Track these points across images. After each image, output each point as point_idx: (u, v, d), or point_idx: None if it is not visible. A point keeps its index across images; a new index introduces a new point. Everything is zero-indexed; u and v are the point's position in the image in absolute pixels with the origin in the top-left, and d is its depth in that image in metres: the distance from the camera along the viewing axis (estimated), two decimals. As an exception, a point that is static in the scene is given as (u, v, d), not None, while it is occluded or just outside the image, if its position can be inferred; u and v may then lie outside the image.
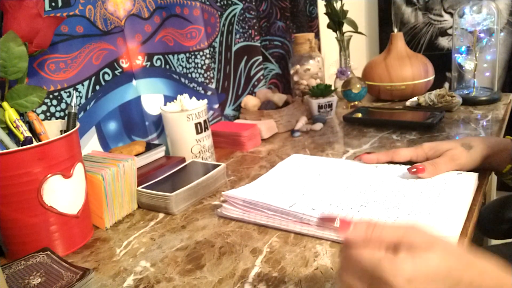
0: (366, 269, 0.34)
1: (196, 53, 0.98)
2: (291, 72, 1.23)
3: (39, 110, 0.69)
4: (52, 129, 0.64)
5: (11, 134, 0.57)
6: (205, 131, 0.83)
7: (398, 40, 1.21)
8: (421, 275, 0.33)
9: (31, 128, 0.60)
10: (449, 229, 0.49)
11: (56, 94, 0.71)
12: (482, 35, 1.09)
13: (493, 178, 1.32)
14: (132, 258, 0.55)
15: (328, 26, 1.30)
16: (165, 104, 0.91)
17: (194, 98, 0.85)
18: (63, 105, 0.72)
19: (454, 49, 1.16)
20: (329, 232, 0.54)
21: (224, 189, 0.72)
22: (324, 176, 0.69)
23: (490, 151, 0.66)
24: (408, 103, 1.14)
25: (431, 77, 1.20)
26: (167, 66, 0.93)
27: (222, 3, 1.08)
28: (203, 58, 1.00)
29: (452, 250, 0.36)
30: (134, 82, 0.86)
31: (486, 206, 0.96)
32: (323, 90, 1.10)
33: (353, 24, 1.28)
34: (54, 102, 0.71)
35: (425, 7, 1.55)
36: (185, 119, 0.81)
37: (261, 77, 1.24)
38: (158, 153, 0.82)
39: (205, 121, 0.83)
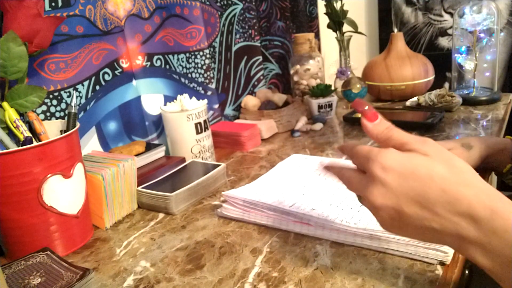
0: (362, 157, 0.38)
1: (196, 53, 0.98)
2: (291, 72, 1.23)
3: (39, 110, 0.69)
4: (52, 129, 0.64)
5: (11, 134, 0.57)
6: (205, 131, 0.83)
7: (398, 40, 1.21)
8: (399, 167, 0.34)
9: (31, 128, 0.60)
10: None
11: (56, 94, 0.71)
12: (482, 35, 1.09)
13: (493, 178, 1.32)
14: (132, 258, 0.55)
15: (328, 26, 1.30)
16: (165, 104, 0.91)
17: (194, 98, 0.85)
18: (63, 105, 0.72)
19: (454, 49, 1.16)
20: (329, 232, 0.54)
21: (224, 189, 0.72)
22: (324, 176, 0.69)
23: (490, 151, 0.66)
24: (408, 103, 1.14)
25: (431, 77, 1.20)
26: (167, 66, 0.93)
27: (222, 3, 1.08)
28: (203, 58, 1.00)
29: (452, 163, 0.34)
30: (134, 82, 0.86)
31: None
32: (323, 90, 1.10)
33: (353, 24, 1.28)
34: (54, 102, 0.71)
35: (425, 7, 1.55)
36: (185, 119, 0.81)
37: (261, 77, 1.24)
38: (158, 153, 0.82)
39: (205, 121, 0.83)
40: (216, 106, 1.06)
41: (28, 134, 0.57)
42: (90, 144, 0.78)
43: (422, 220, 0.33)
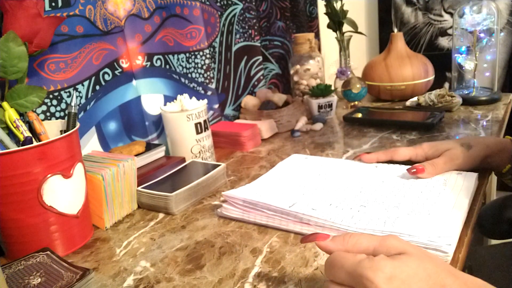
0: (348, 271, 0.35)
1: (196, 53, 0.98)
2: (291, 72, 1.23)
3: (39, 110, 0.69)
4: (52, 129, 0.64)
5: (11, 134, 0.57)
6: (205, 131, 0.84)
7: (398, 40, 1.21)
8: (401, 274, 0.33)
9: (31, 128, 0.60)
10: (449, 229, 0.49)
11: (56, 94, 0.71)
12: (482, 35, 1.09)
13: (493, 178, 1.32)
14: (132, 258, 0.56)
15: (328, 26, 1.30)
16: (165, 104, 0.91)
17: (194, 98, 0.86)
18: (63, 105, 0.72)
19: (454, 49, 1.16)
20: (329, 232, 0.54)
21: (224, 189, 0.72)
22: (324, 176, 0.69)
23: (489, 151, 0.66)
24: (408, 103, 1.14)
25: (431, 77, 1.20)
26: (167, 66, 0.93)
27: (222, 3, 1.08)
28: (203, 58, 1.00)
29: (429, 256, 0.36)
30: (134, 82, 0.86)
31: (486, 206, 0.96)
32: (323, 90, 1.10)
33: (353, 24, 1.28)
34: (54, 102, 0.71)
35: (425, 7, 1.55)
36: (185, 119, 0.81)
37: (261, 77, 1.24)
38: (158, 153, 0.82)
39: (205, 121, 0.83)
40: (216, 106, 1.06)
41: (28, 134, 0.57)
42: (90, 144, 0.78)
43: None
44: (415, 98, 1.13)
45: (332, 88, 1.12)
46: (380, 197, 0.59)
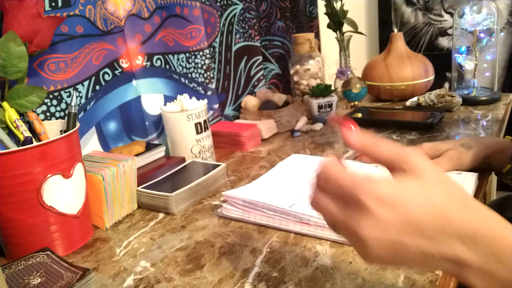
0: (343, 188, 0.33)
1: (196, 53, 0.98)
2: (291, 72, 1.23)
3: (39, 110, 0.69)
4: (52, 129, 0.64)
5: (11, 134, 0.57)
6: (205, 131, 0.83)
7: (398, 40, 1.21)
8: (396, 198, 0.31)
9: (31, 128, 0.60)
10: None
11: (56, 94, 0.71)
12: (482, 35, 1.09)
13: (493, 178, 1.32)
14: (132, 258, 0.55)
15: (328, 26, 1.30)
16: (165, 104, 0.91)
17: (194, 98, 0.85)
18: (63, 105, 0.72)
19: (454, 49, 1.16)
20: (329, 232, 0.54)
21: (224, 189, 0.72)
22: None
23: (490, 151, 0.66)
24: (408, 103, 1.14)
25: (431, 77, 1.20)
26: (167, 66, 0.93)
27: (222, 3, 1.08)
28: (203, 58, 1.00)
29: (446, 182, 0.32)
30: (134, 82, 0.86)
31: (486, 206, 0.96)
32: (323, 90, 1.10)
33: (353, 24, 1.28)
34: (54, 102, 0.71)
35: (425, 7, 1.55)
36: (185, 119, 0.81)
37: (261, 77, 1.24)
38: (158, 153, 0.82)
39: (205, 121, 0.83)
40: (216, 106, 1.06)
41: (28, 134, 0.57)
42: (90, 144, 0.78)
43: (421, 249, 0.31)
44: (415, 98, 1.13)
45: (332, 88, 1.12)
46: (380, 197, 0.59)
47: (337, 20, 1.26)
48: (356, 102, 1.20)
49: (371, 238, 0.31)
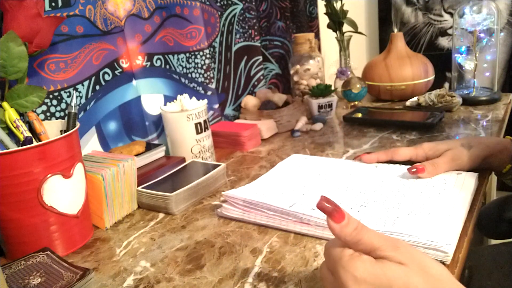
0: (331, 263, 0.37)
1: (196, 53, 0.98)
2: (291, 72, 1.23)
3: (39, 110, 0.69)
4: (52, 129, 0.64)
5: (11, 134, 0.57)
6: (205, 131, 0.84)
7: (398, 40, 1.21)
8: (372, 280, 0.32)
9: (31, 128, 0.60)
10: (449, 229, 0.49)
11: (56, 94, 0.71)
12: (482, 35, 1.09)
13: (493, 178, 1.32)
14: (132, 258, 0.55)
15: (328, 26, 1.30)
16: (165, 104, 0.91)
17: (194, 98, 0.86)
18: (63, 105, 0.72)
19: (454, 49, 1.16)
20: (329, 232, 0.54)
21: (224, 189, 0.72)
22: (324, 176, 0.69)
23: (490, 151, 0.66)
24: (408, 103, 1.14)
25: (431, 77, 1.20)
26: (167, 66, 0.93)
27: (222, 3, 1.08)
28: (203, 58, 1.00)
29: (425, 273, 0.34)
30: (134, 82, 0.86)
31: (486, 206, 0.96)
32: (323, 90, 1.10)
33: (353, 24, 1.28)
34: (54, 102, 0.71)
35: (425, 7, 1.55)
36: (185, 119, 0.81)
37: (261, 77, 1.24)
38: (158, 153, 0.82)
39: (205, 121, 0.83)
40: (216, 106, 1.06)
41: (28, 134, 0.57)
42: (90, 144, 0.78)
43: None
44: (415, 98, 1.13)
45: (332, 88, 1.12)
46: (380, 197, 0.59)
47: (337, 20, 1.26)
48: (356, 102, 1.20)
49: None
